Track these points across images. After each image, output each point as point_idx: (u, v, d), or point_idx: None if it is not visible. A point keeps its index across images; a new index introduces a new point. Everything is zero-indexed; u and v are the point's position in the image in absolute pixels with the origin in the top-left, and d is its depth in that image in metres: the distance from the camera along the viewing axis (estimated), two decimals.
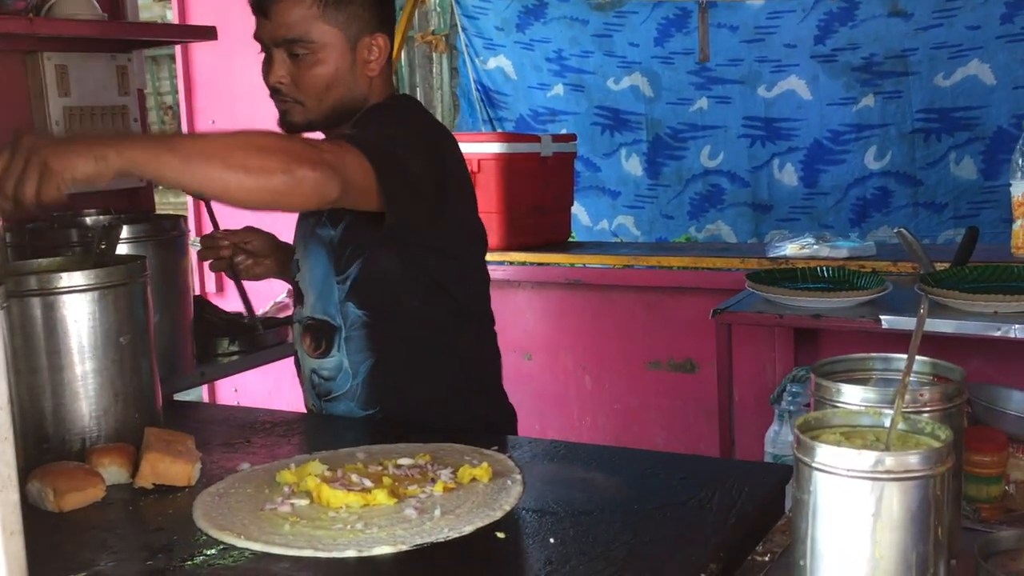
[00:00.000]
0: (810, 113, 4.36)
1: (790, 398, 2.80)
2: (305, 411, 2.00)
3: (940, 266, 2.78)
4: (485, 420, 1.88)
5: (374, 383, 1.83)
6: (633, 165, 4.77)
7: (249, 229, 2.13)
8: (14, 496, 1.18)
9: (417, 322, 1.82)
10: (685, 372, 3.60)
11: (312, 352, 1.89)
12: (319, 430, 1.87)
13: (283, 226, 2.05)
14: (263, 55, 1.82)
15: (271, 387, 4.19)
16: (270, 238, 2.14)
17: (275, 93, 1.81)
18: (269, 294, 3.12)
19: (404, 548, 1.26)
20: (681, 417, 3.62)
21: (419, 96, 5.21)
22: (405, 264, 1.78)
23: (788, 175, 4.47)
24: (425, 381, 1.85)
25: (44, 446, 1.61)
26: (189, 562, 1.26)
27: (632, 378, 3.72)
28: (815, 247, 3.17)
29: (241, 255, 2.02)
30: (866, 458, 0.95)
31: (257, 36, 1.80)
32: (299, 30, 1.75)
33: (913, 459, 0.95)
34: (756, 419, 3.17)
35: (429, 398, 1.85)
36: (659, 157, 4.71)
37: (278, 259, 2.13)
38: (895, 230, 2.87)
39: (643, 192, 4.77)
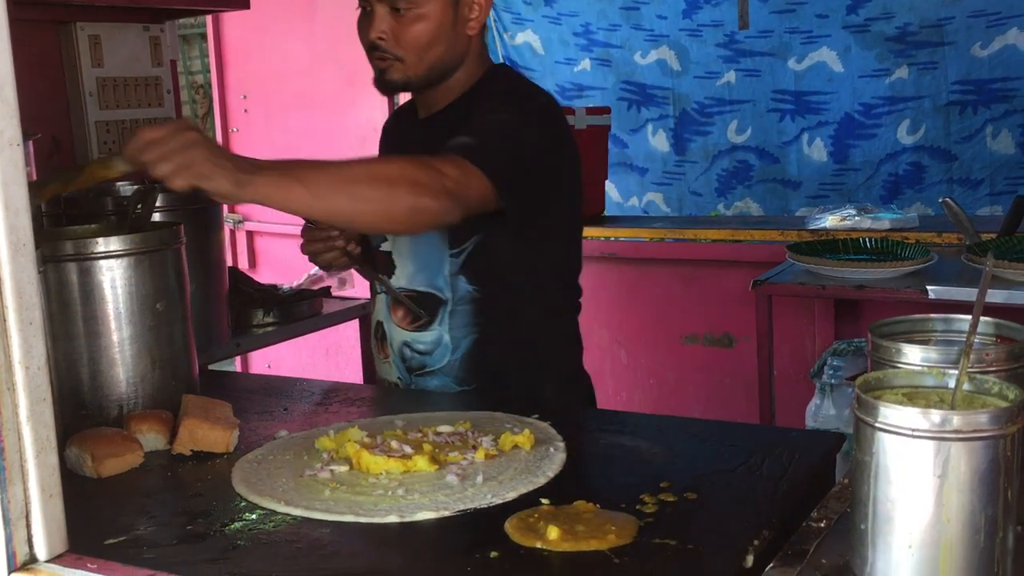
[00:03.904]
0: (841, 86, 4.25)
1: (831, 371, 2.76)
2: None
3: (985, 237, 2.72)
4: (569, 398, 1.86)
5: (474, 360, 1.79)
6: (660, 141, 4.69)
7: None
8: (53, 459, 1.16)
9: (523, 301, 1.79)
10: (722, 346, 3.55)
11: (408, 324, 1.82)
12: (356, 398, 1.85)
13: None
14: (360, 11, 1.76)
15: (304, 362, 4.19)
16: None
17: (374, 50, 1.74)
18: (303, 267, 3.10)
19: (447, 514, 1.24)
20: (719, 392, 3.58)
21: None
22: (519, 243, 1.75)
23: (817, 150, 4.37)
24: (524, 359, 1.81)
25: (82, 412, 1.60)
26: (229, 527, 1.24)
27: (668, 353, 3.68)
28: (856, 219, 3.12)
29: (351, 243, 1.82)
30: (932, 417, 0.92)
31: None
32: None
33: (982, 418, 0.92)
34: (795, 393, 3.13)
35: (525, 376, 1.81)
36: (686, 133, 4.63)
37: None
38: (940, 200, 2.81)
39: (671, 169, 4.70)
